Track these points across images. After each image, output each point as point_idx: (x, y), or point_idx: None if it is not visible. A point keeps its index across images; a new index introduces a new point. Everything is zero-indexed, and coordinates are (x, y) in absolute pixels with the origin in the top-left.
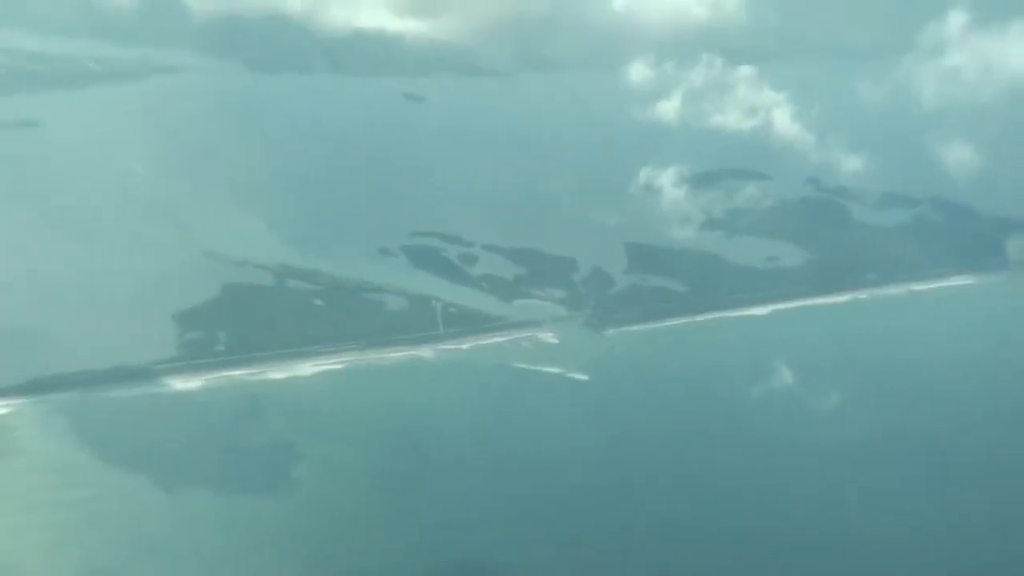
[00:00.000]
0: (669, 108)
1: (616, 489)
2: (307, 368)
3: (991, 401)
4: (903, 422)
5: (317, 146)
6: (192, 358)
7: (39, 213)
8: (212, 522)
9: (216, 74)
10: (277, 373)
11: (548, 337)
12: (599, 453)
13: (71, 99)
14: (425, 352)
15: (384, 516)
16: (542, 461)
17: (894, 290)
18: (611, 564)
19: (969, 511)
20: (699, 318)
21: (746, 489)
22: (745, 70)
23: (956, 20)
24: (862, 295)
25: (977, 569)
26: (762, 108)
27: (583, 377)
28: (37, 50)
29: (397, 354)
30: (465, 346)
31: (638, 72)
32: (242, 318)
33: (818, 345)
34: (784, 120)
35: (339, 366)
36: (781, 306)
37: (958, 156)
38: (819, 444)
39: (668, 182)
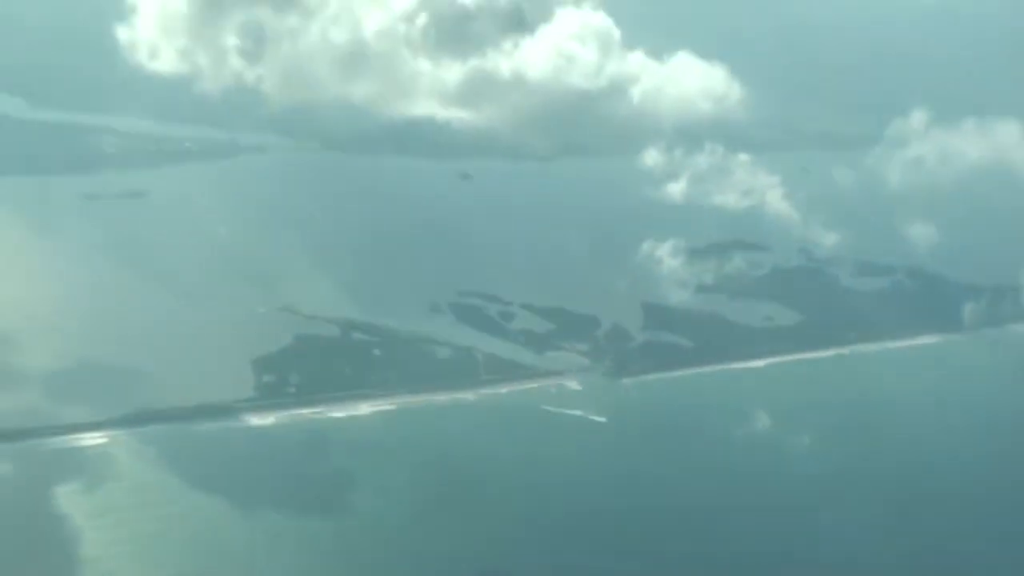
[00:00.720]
0: (678, 189)
1: (625, 513)
2: (365, 408)
3: (948, 440)
4: (874, 459)
5: (380, 216)
6: (266, 398)
7: (143, 268)
8: (280, 539)
9: (295, 152)
10: (338, 412)
11: (572, 384)
12: (614, 483)
13: (172, 173)
14: (467, 395)
15: (430, 535)
16: (564, 489)
17: (871, 347)
18: None
19: (925, 544)
20: (704, 369)
21: (733, 515)
22: (743, 157)
23: (918, 117)
24: (844, 351)
25: None
26: (757, 190)
27: (601, 419)
28: (145, 132)
29: (443, 397)
30: (502, 391)
31: (652, 157)
32: (310, 364)
33: (806, 393)
34: (776, 200)
35: (392, 407)
36: (775, 360)
37: (922, 232)
38: (806, 476)
39: (678, 251)
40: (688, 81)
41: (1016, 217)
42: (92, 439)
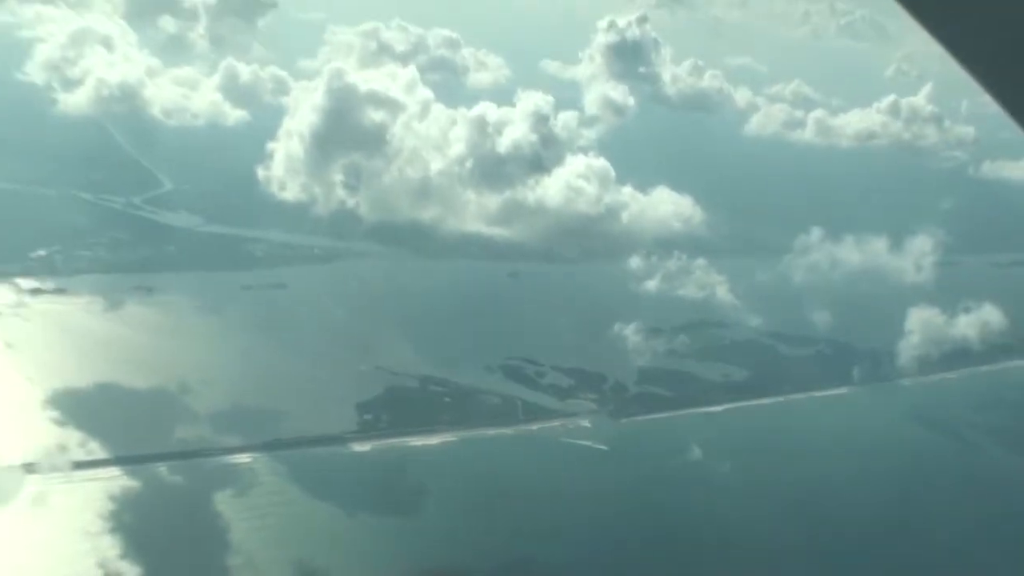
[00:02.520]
0: (654, 284)
1: (619, 514)
2: (435, 439)
3: (851, 462)
4: (793, 474)
5: (450, 302)
6: (365, 431)
7: (281, 339)
8: (372, 534)
9: (387, 257)
10: (416, 441)
11: (584, 423)
12: (612, 493)
13: (302, 271)
14: (508, 431)
15: (480, 529)
16: (575, 495)
17: (800, 395)
18: None
19: None
20: (679, 412)
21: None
22: (700, 261)
23: (816, 233)
24: (780, 398)
25: None
26: (710, 284)
27: (604, 448)
28: (283, 241)
29: (491, 431)
30: (534, 427)
31: (635, 262)
32: (397, 407)
33: (751, 429)
34: (724, 292)
35: (455, 438)
36: (730, 405)
37: (821, 315)
38: (740, 488)
39: (659, 329)
40: (663, 207)
41: (886, 304)
42: (241, 459)
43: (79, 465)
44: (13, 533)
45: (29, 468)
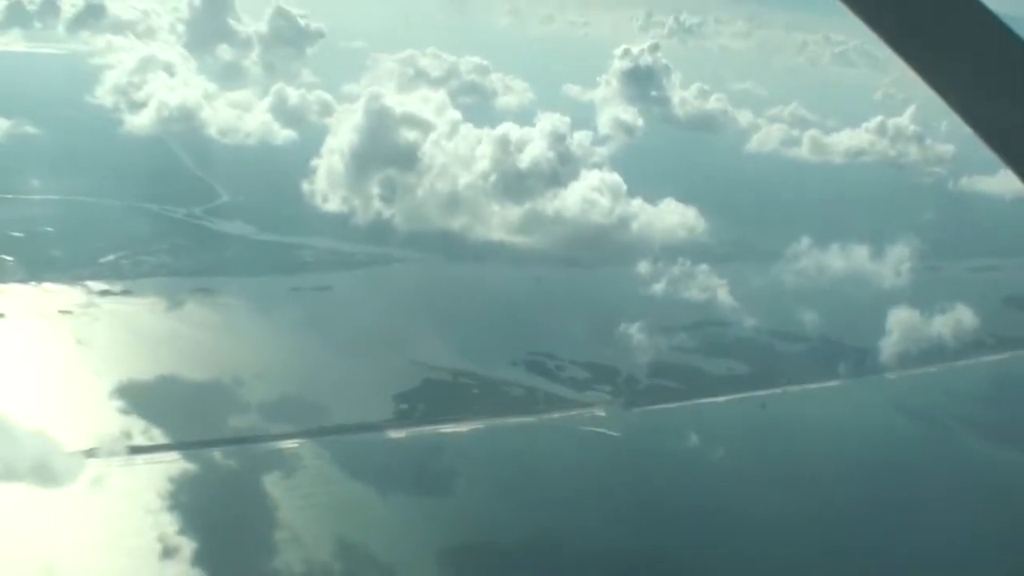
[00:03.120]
0: (660, 287)
1: (627, 490)
2: (464, 427)
3: (840, 445)
4: (787, 458)
5: (479, 303)
6: (401, 419)
7: (327, 336)
8: (408, 512)
9: (422, 262)
10: (447, 429)
11: (599, 412)
12: (622, 472)
13: (345, 275)
14: (531, 419)
15: (504, 506)
16: (590, 475)
17: (795, 388)
18: None
19: None
20: (686, 403)
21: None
22: (703, 266)
23: (808, 241)
24: (778, 390)
25: None
26: (712, 288)
27: (616, 434)
28: (328, 248)
29: (515, 420)
30: (554, 416)
31: (644, 267)
32: (430, 397)
33: (751, 419)
34: (724, 295)
35: (483, 425)
36: (733, 396)
37: (810, 315)
38: (739, 469)
39: (667, 327)
40: (670, 218)
41: (871, 305)
42: (288, 445)
43: (140, 450)
44: (81, 510)
45: (95, 453)
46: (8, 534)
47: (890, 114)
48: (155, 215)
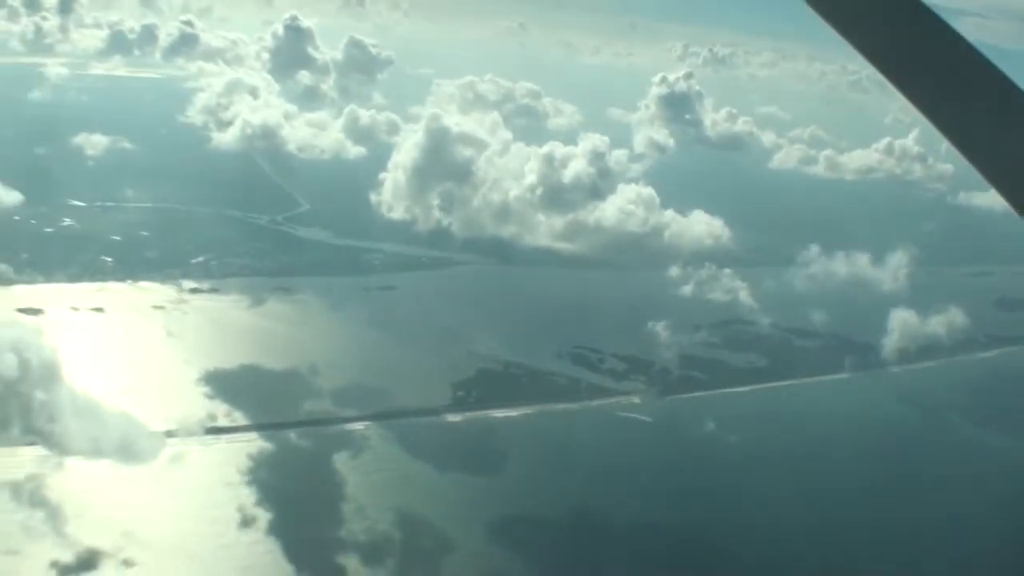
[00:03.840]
0: (688, 289)
1: (661, 467)
2: (515, 412)
3: (850, 431)
4: (801, 443)
5: (527, 301)
6: (457, 405)
7: (393, 331)
8: (455, 489)
9: (478, 264)
10: (499, 413)
11: (635, 400)
12: (654, 449)
13: (410, 276)
14: (574, 406)
15: (547, 482)
16: (624, 453)
17: (811, 379)
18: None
19: None
20: (712, 391)
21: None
22: (727, 271)
23: (814, 250)
24: (796, 381)
25: None
26: (734, 290)
27: (649, 419)
28: (395, 252)
29: (560, 406)
30: (594, 403)
31: (674, 272)
32: (484, 385)
33: (768, 405)
34: (747, 296)
35: (531, 411)
36: (755, 387)
37: (826, 317)
38: (752, 451)
39: (696, 325)
40: (698, 227)
41: (876, 306)
42: (356, 427)
43: (221, 431)
44: (164, 484)
45: (178, 432)
46: (95, 504)
47: (897, 136)
48: (240, 222)
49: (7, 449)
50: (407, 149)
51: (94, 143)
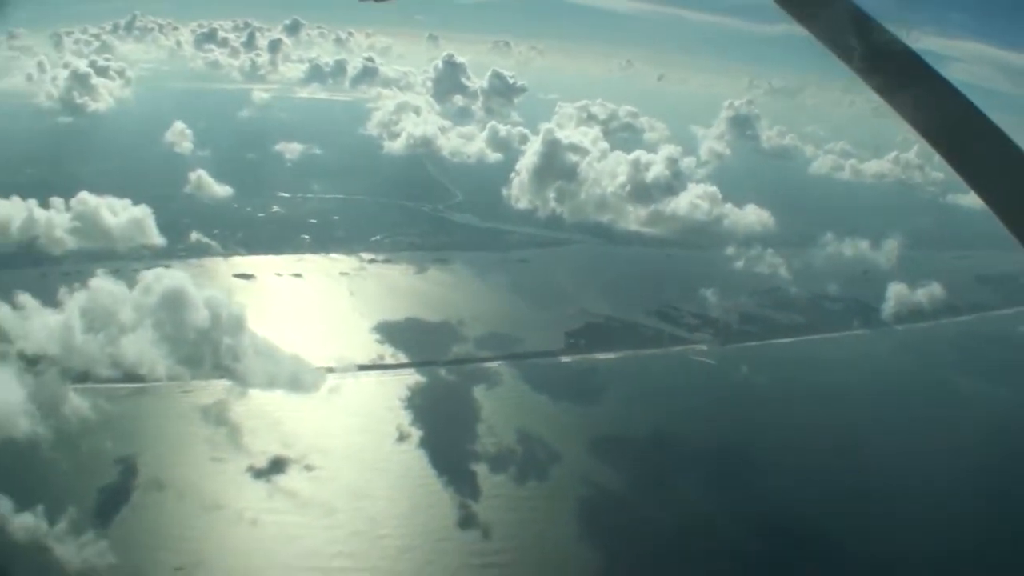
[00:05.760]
0: (740, 265)
1: (723, 402)
2: (612, 356)
3: (877, 383)
4: (832, 394)
5: (627, 273)
6: (570, 349)
7: (525, 295)
8: (570, 417)
9: (588, 244)
10: (601, 356)
11: (703, 347)
12: (718, 388)
13: (538, 252)
14: (658, 351)
15: (629, 415)
16: (697, 390)
17: (836, 334)
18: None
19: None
20: (763, 342)
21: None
22: (770, 251)
23: (842, 235)
24: (827, 335)
25: None
26: (776, 265)
27: (713, 363)
28: (524, 232)
29: (646, 352)
30: (674, 350)
31: (730, 250)
32: (590, 335)
33: (803, 352)
34: (783, 270)
35: (620, 355)
36: (794, 339)
37: (847, 285)
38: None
39: (751, 291)
40: (751, 217)
41: (882, 279)
42: (491, 366)
43: (387, 367)
44: (341, 407)
45: (363, 367)
46: (276, 424)
47: (903, 150)
48: (409, 209)
49: (203, 382)
50: (530, 155)
51: (292, 149)
